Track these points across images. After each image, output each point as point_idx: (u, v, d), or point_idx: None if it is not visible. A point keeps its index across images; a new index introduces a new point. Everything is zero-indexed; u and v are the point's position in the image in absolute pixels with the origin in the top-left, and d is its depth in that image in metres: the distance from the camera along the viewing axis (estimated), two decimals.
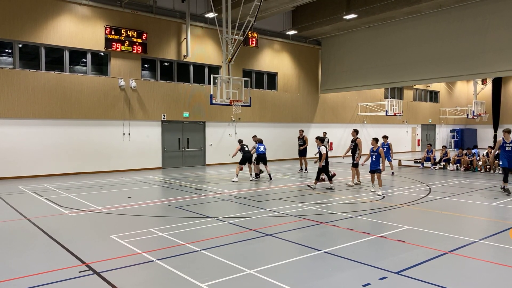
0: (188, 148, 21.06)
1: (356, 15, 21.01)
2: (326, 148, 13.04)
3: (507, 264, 5.75)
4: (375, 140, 12.28)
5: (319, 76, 26.72)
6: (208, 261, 5.96)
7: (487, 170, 18.03)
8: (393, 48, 22.06)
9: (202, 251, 6.37)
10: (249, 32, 20.64)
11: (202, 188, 13.41)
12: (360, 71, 23.88)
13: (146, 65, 19.96)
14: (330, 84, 25.97)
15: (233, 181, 14.82)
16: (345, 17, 21.28)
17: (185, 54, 20.55)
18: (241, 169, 15.29)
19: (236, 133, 22.62)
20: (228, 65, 17.95)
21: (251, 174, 15.51)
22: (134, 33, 18.75)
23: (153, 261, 5.91)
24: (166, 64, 20.55)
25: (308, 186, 13.35)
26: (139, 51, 18.98)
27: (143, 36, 19.04)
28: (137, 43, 18.87)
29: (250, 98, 18.38)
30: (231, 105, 17.73)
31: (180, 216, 9.04)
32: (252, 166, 15.45)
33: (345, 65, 24.86)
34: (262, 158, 15.43)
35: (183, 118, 20.69)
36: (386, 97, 30.66)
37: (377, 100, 29.96)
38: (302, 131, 19.04)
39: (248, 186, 13.70)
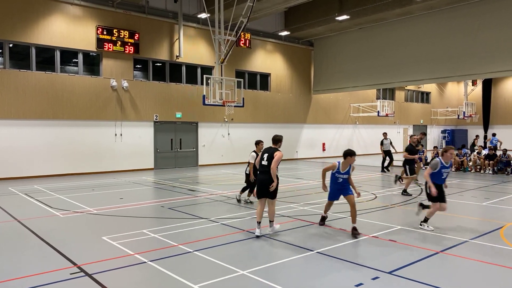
0: (180, 148, 20.99)
1: (348, 16, 21.10)
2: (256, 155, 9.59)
3: (498, 264, 5.82)
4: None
5: (311, 77, 26.79)
6: (201, 262, 5.95)
7: (478, 170, 18.21)
8: (385, 49, 22.19)
9: (195, 252, 6.36)
10: (242, 33, 20.63)
11: (194, 189, 13.37)
12: (352, 72, 23.98)
13: (138, 66, 19.85)
14: (323, 85, 26.05)
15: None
16: (337, 18, 21.37)
17: (178, 55, 20.49)
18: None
19: (229, 134, 22.60)
20: (221, 65, 17.93)
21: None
22: (126, 33, 18.64)
23: (145, 262, 5.88)
24: (158, 64, 20.46)
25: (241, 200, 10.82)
26: (131, 51, 18.87)
27: (135, 36, 18.94)
28: (129, 43, 18.76)
29: (243, 98, 18.37)
30: (224, 106, 17.72)
31: (172, 217, 9.00)
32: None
33: (337, 66, 24.95)
34: None
35: (175, 118, 20.61)
36: (378, 98, 30.82)
37: (369, 101, 30.10)
38: (416, 135, 14.09)
39: (240, 187, 13.66)
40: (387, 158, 18.79)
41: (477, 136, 27.76)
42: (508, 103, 35.82)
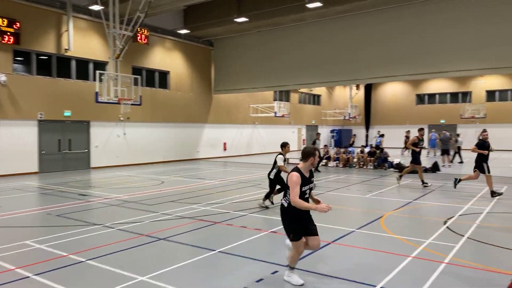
0: (70, 150, 19.30)
1: (247, 19, 21.63)
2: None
3: (380, 250, 6.50)
4: None
5: (212, 76, 26.88)
6: (95, 271, 5.55)
7: (361, 166, 20.16)
8: (281, 53, 23.25)
9: (87, 261, 5.90)
10: (139, 28, 19.77)
11: (86, 193, 12.43)
12: (251, 74, 24.66)
13: (19, 58, 17.70)
14: (223, 85, 26.32)
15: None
16: (236, 20, 21.75)
17: (67, 48, 18.80)
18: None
19: (125, 134, 21.48)
20: (116, 61, 17.04)
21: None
22: (4, 21, 16.49)
23: (28, 277, 5.27)
24: (43, 57, 18.52)
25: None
26: (11, 42, 16.76)
27: (16, 25, 16.87)
28: (8, 33, 16.62)
29: (141, 96, 17.70)
30: (120, 104, 16.87)
31: (61, 225, 8.23)
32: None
33: (237, 67, 25.42)
34: None
35: (64, 117, 18.90)
36: (275, 99, 32.21)
37: (267, 102, 31.28)
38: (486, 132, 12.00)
39: (138, 190, 13.12)
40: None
41: (354, 135, 30.87)
42: (384, 106, 40.39)
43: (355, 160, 20.59)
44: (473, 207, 9.92)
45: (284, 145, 9.72)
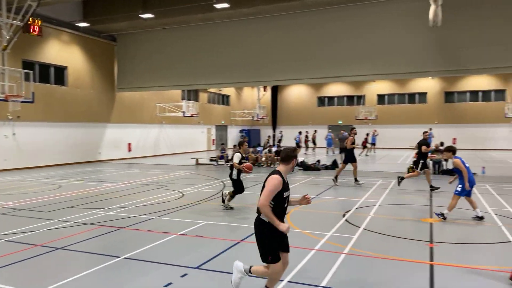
0: None
1: (153, 15, 20.92)
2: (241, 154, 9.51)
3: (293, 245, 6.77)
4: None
5: (115, 73, 25.47)
6: None
7: (269, 164, 20.87)
8: (189, 52, 22.91)
9: None
10: (31, 18, 17.88)
11: None
12: (158, 71, 23.89)
13: None
14: (127, 82, 25.10)
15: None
16: (141, 15, 20.90)
17: None
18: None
19: (14, 134, 19.28)
20: (3, 53, 15.25)
21: None
22: None
23: None
24: None
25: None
26: None
27: None
28: None
29: (33, 93, 16.10)
30: (7, 101, 15.15)
31: None
32: None
33: (143, 64, 24.43)
34: None
35: None
36: (183, 99, 31.69)
37: (174, 101, 30.61)
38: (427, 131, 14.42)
39: (31, 196, 11.88)
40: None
41: (268, 136, 32.06)
42: (289, 108, 42.35)
43: (263, 159, 21.23)
44: (367, 200, 10.90)
45: (242, 143, 9.67)
